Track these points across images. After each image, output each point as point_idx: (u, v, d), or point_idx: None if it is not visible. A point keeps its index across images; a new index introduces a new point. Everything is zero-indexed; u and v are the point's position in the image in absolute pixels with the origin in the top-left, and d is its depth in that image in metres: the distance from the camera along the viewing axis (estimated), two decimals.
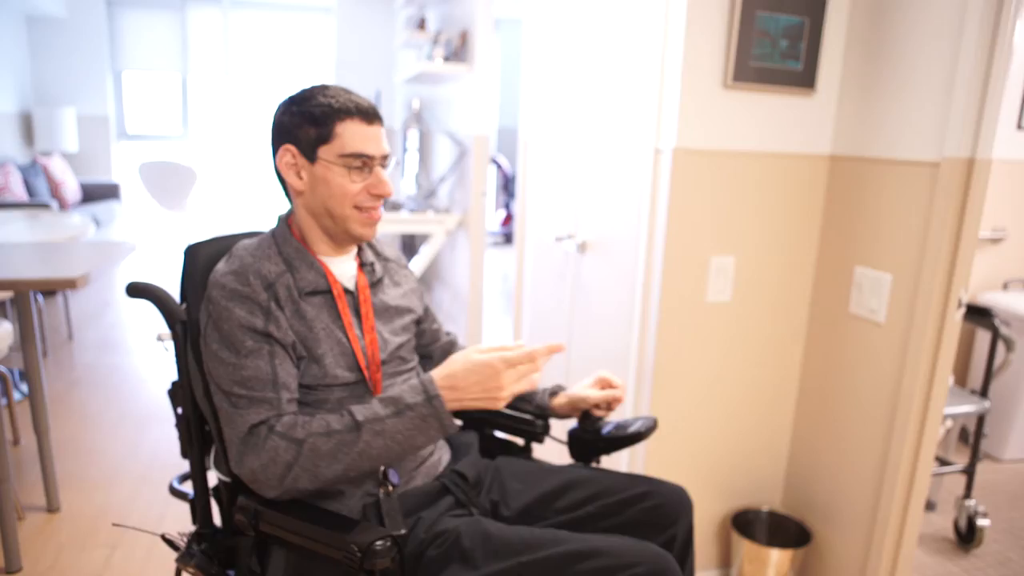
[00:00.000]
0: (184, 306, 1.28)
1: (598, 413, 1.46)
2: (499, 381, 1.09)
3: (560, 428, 1.57)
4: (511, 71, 7.94)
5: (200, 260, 1.28)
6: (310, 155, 1.20)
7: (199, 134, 7.80)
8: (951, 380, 2.89)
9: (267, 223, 1.33)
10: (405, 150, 5.15)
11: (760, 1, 1.75)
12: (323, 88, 1.21)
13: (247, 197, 8.20)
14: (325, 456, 1.08)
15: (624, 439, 1.43)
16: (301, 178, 1.22)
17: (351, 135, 1.19)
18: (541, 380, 1.22)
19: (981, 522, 2.32)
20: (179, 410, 1.29)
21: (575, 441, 1.48)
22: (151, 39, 7.38)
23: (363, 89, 6.83)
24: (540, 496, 1.34)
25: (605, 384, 1.46)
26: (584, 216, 2.30)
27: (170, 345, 1.27)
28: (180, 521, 2.33)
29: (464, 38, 3.99)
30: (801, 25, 1.81)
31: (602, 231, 2.18)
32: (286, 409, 1.14)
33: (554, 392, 1.49)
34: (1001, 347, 2.59)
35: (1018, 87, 3.04)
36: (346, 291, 1.28)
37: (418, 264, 4.22)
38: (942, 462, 2.53)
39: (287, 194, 1.27)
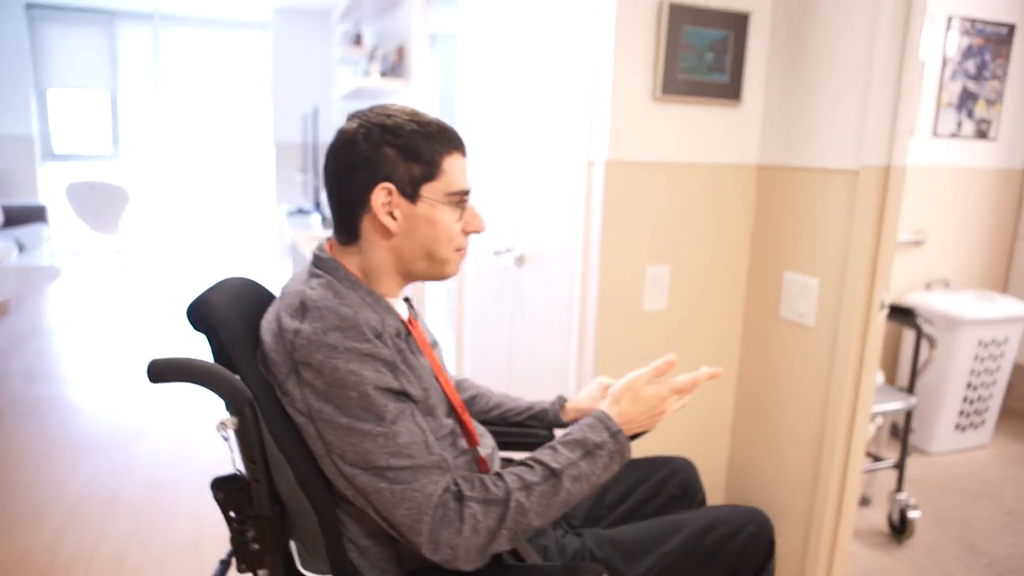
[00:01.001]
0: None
1: None
2: (664, 407, 1.13)
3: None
4: (451, 86, 7.96)
5: (230, 318, 1.06)
6: (411, 194, 1.07)
7: (130, 153, 7.58)
8: (881, 378, 2.99)
9: (210, 244, 1.22)
10: None
11: (686, 15, 1.80)
12: (414, 115, 1.09)
13: (182, 217, 7.99)
14: (530, 512, 1.00)
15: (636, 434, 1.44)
16: (395, 218, 1.07)
17: (456, 171, 1.10)
18: (507, 391, 1.20)
19: (912, 514, 2.40)
20: (232, 513, 1.08)
21: None
22: (78, 56, 7.15)
23: (300, 105, 6.75)
24: (591, 500, 1.42)
25: (607, 389, 1.42)
26: (522, 229, 2.31)
27: (230, 434, 1.01)
28: (111, 562, 2.24)
29: (401, 53, 3.99)
30: (725, 39, 1.86)
31: (539, 244, 2.20)
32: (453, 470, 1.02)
33: (561, 404, 1.44)
34: (925, 345, 2.70)
35: (932, 98, 3.19)
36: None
37: None
38: (875, 458, 2.61)
39: (354, 233, 1.10)
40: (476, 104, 2.66)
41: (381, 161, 1.05)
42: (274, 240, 7.20)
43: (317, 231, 4.11)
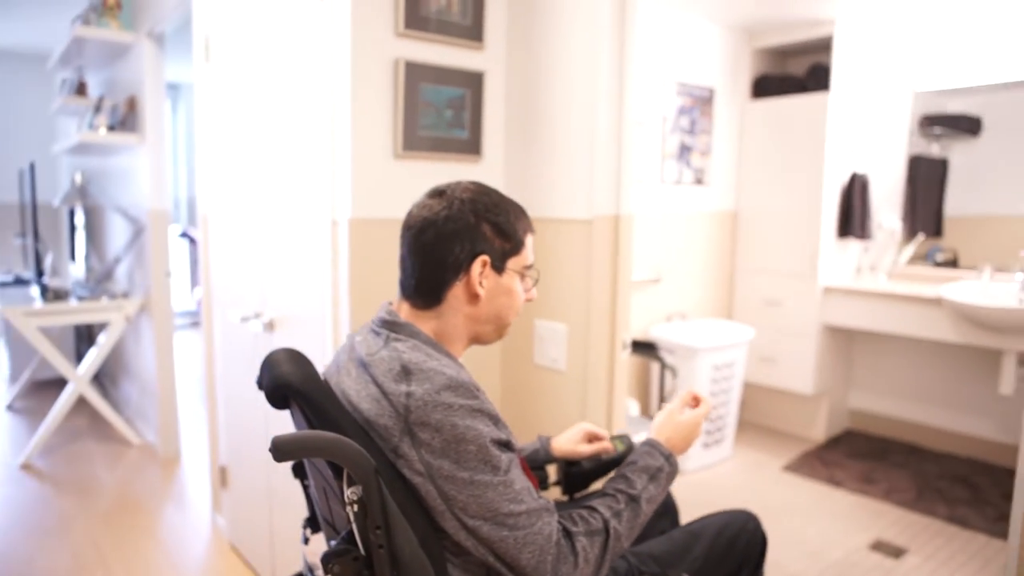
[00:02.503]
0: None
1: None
2: (697, 432, 1.32)
3: None
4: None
5: (327, 390, 1.10)
6: (499, 266, 1.17)
7: None
8: (636, 409, 3.20)
9: None
10: (73, 229, 4.54)
11: (423, 74, 1.81)
12: (499, 195, 1.19)
13: None
14: (623, 536, 1.13)
15: (618, 460, 1.51)
16: (482, 287, 1.15)
17: (529, 247, 1.21)
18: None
19: None
20: None
21: (574, 477, 1.54)
22: None
23: (15, 161, 5.93)
24: None
25: (591, 436, 1.53)
26: (271, 293, 2.17)
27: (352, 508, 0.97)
28: None
29: (132, 104, 3.65)
30: (463, 96, 1.90)
31: (289, 307, 2.08)
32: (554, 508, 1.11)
33: (547, 443, 1.54)
34: (669, 375, 2.94)
35: (658, 151, 3.54)
36: None
37: (96, 357, 3.70)
38: None
39: (439, 298, 1.16)
40: (218, 159, 2.48)
41: (481, 235, 1.14)
42: None
43: (38, 305, 3.58)
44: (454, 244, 1.13)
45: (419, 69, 1.80)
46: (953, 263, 3.86)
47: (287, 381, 1.08)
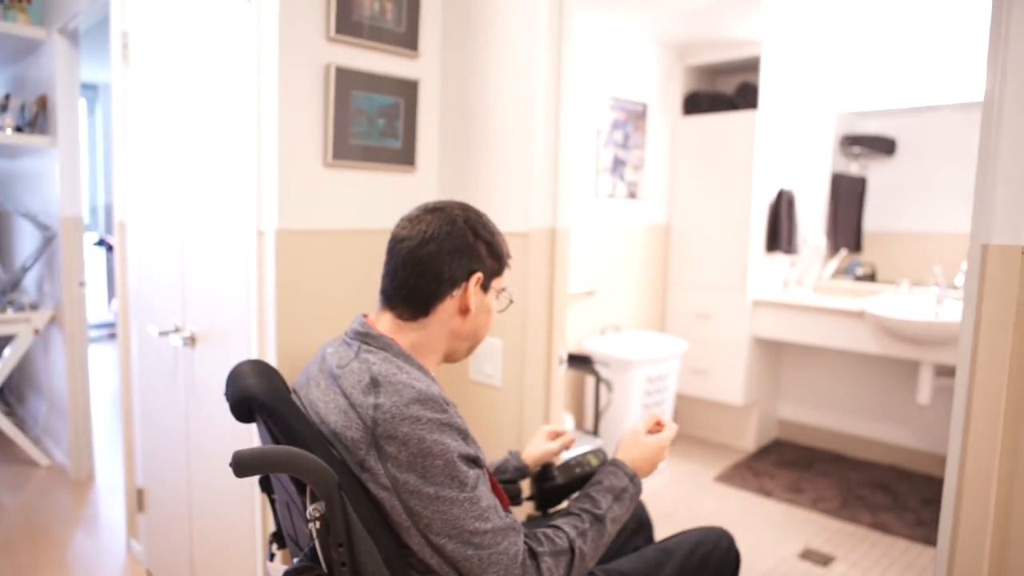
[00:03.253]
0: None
1: (556, 460, 1.57)
2: (662, 455, 1.32)
3: None
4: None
5: (290, 403, 1.08)
6: (486, 285, 1.20)
7: None
8: (571, 423, 3.19)
9: None
10: None
11: (355, 80, 1.76)
12: (484, 215, 1.23)
13: None
14: (587, 556, 1.14)
15: (590, 474, 1.51)
16: (472, 303, 1.19)
17: (508, 270, 1.26)
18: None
19: None
20: None
21: (548, 492, 1.53)
22: None
23: None
24: None
25: (555, 434, 1.58)
26: (192, 306, 2.06)
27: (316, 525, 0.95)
28: None
29: (43, 104, 3.45)
30: (396, 105, 1.85)
31: (213, 321, 1.97)
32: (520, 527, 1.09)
33: (517, 455, 1.57)
34: (604, 388, 2.93)
35: (592, 165, 3.56)
36: None
37: (0, 372, 3.46)
38: None
39: (427, 311, 1.17)
40: (137, 164, 2.36)
41: (477, 253, 1.18)
42: None
43: None
44: (453, 259, 1.16)
45: (351, 75, 1.75)
46: (872, 277, 4.00)
47: (252, 394, 1.07)
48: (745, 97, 3.86)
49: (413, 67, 1.88)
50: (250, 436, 1.82)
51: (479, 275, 1.18)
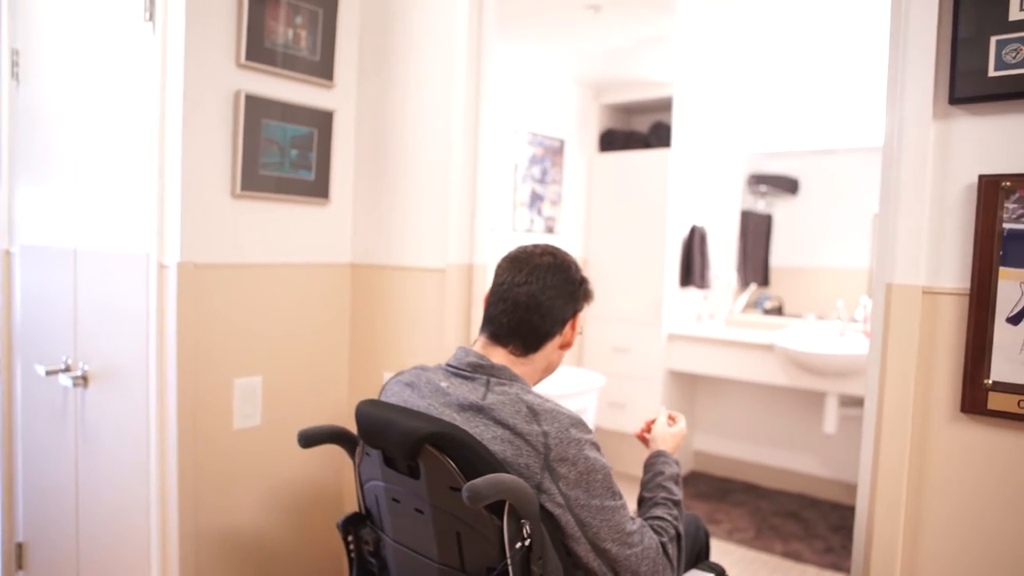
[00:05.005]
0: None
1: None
2: (682, 441, 1.51)
3: None
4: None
5: (460, 429, 1.12)
6: (573, 323, 1.34)
7: None
8: None
9: None
10: None
11: (266, 109, 1.70)
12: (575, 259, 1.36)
13: None
14: (683, 534, 1.30)
15: None
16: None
17: None
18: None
19: None
20: None
21: None
22: None
23: None
24: None
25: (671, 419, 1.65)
26: (86, 343, 1.92)
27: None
28: None
29: None
30: (310, 135, 1.80)
31: (108, 359, 1.84)
32: None
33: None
34: None
35: (510, 199, 3.57)
36: None
37: None
38: None
39: (539, 347, 1.29)
40: (25, 189, 2.20)
41: (578, 296, 1.33)
42: None
43: None
44: (567, 302, 1.31)
45: (262, 104, 1.69)
46: (780, 310, 4.15)
47: (440, 431, 1.09)
48: (659, 136, 3.97)
49: (328, 97, 1.83)
50: (147, 479, 1.69)
51: (578, 314, 1.34)
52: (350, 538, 1.34)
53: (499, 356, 1.27)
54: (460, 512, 1.11)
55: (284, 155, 1.75)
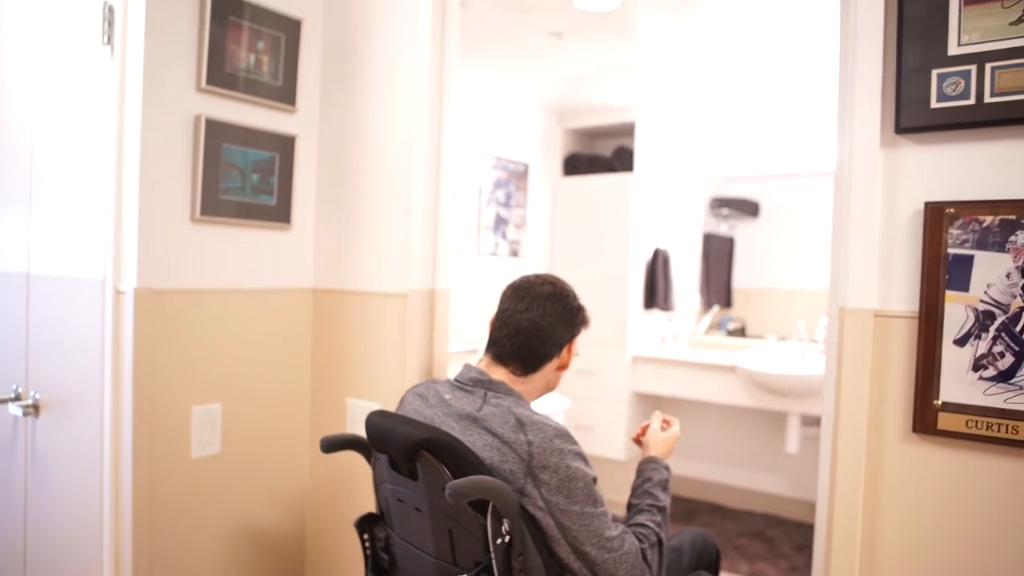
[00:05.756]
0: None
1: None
2: (675, 445, 1.60)
3: None
4: None
5: (450, 435, 1.24)
6: (570, 346, 1.48)
7: None
8: None
9: None
10: None
11: (227, 134, 1.69)
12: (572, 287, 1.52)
13: None
14: (665, 541, 1.37)
15: None
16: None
17: None
18: None
19: None
20: None
21: None
22: None
23: None
24: None
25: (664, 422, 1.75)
26: (38, 371, 1.87)
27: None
28: None
29: None
30: (272, 160, 1.79)
31: (60, 388, 1.80)
32: None
33: None
34: None
35: (474, 223, 3.58)
36: None
37: None
38: None
39: (537, 368, 1.43)
40: None
41: (575, 321, 1.47)
42: None
43: None
44: (564, 329, 1.44)
45: (223, 128, 1.68)
46: (743, 332, 4.21)
47: (431, 437, 1.20)
48: (622, 160, 4.03)
49: (290, 122, 1.83)
50: (100, 510, 1.65)
51: (575, 339, 1.47)
52: (365, 536, 1.45)
53: (500, 374, 1.41)
54: (451, 511, 1.21)
55: (245, 180, 1.74)
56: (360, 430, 1.79)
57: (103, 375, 1.64)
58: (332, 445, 1.46)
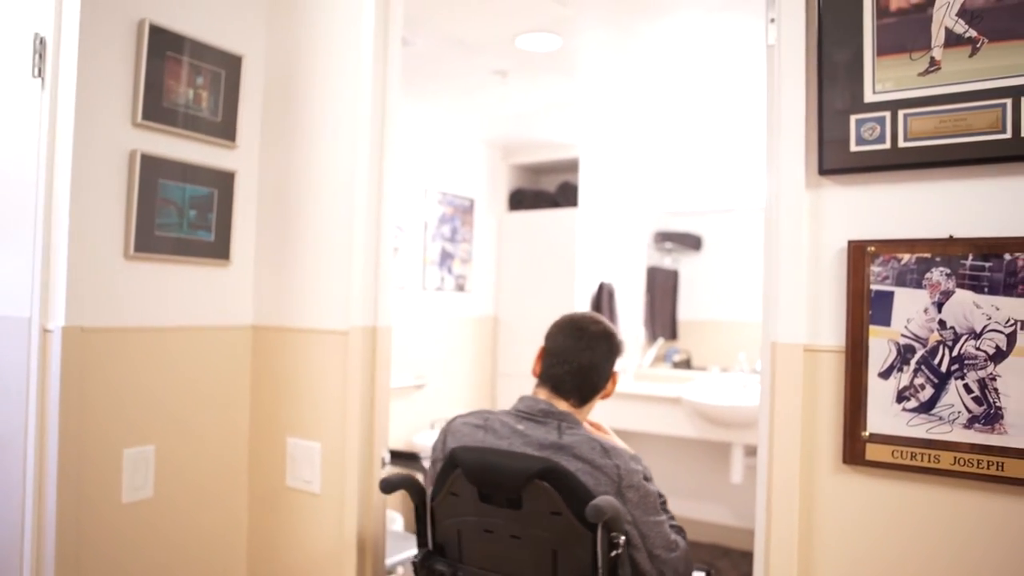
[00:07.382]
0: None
1: None
2: None
3: None
4: None
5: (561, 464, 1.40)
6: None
7: None
8: (401, 524, 3.06)
9: None
10: None
11: (163, 169, 1.66)
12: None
13: None
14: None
15: None
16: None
17: None
18: None
19: None
20: None
21: None
22: None
23: None
24: None
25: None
26: None
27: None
28: None
29: None
30: (210, 196, 1.77)
31: None
32: None
33: None
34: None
35: (419, 258, 3.57)
36: None
37: None
38: None
39: (590, 400, 1.63)
40: None
41: (618, 354, 1.66)
42: None
43: None
44: (611, 362, 1.64)
45: (159, 163, 1.65)
46: (688, 363, 4.28)
47: (552, 467, 1.37)
48: (566, 195, 4.09)
49: (230, 157, 1.81)
50: (21, 557, 1.57)
51: (617, 371, 1.67)
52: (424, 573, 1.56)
53: (564, 406, 1.57)
54: (558, 532, 1.37)
55: (183, 216, 1.71)
56: (301, 470, 1.76)
57: (27, 417, 1.57)
58: (391, 486, 1.55)
